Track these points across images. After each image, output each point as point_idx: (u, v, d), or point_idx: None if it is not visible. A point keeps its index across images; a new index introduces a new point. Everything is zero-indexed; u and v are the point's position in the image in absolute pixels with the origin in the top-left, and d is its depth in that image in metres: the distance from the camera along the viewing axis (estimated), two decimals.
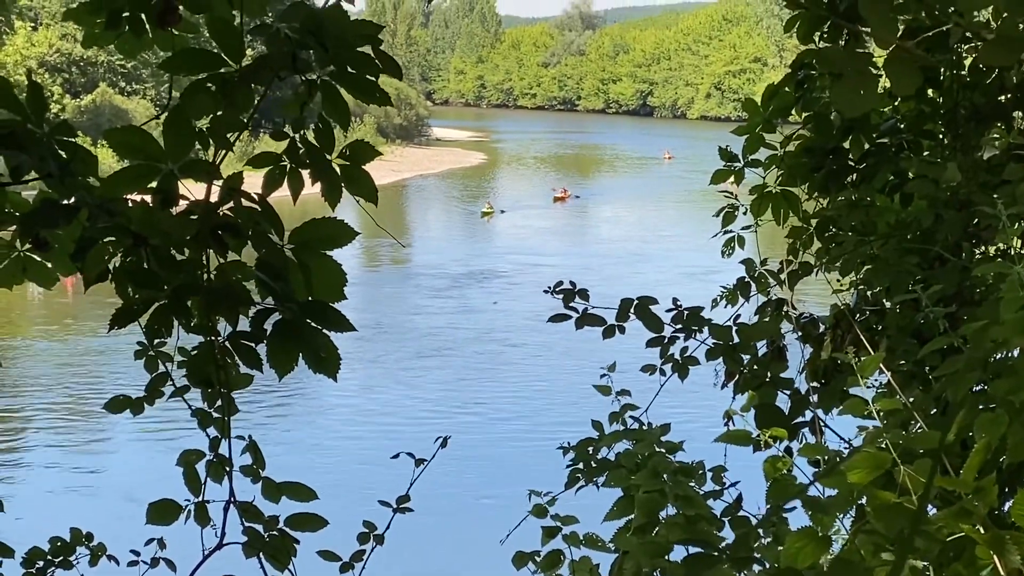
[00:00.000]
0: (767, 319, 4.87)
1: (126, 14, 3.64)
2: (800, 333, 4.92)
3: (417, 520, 4.61)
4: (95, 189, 3.02)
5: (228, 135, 3.02)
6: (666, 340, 4.54)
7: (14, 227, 3.41)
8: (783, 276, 5.08)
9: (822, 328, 4.86)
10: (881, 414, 2.28)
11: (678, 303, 4.50)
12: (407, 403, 29.71)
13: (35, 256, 3.52)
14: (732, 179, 5.38)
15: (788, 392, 4.22)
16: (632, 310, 4.31)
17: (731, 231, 5.56)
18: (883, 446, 2.10)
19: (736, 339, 4.18)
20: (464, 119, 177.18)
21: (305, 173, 3.27)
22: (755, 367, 4.60)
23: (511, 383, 32.46)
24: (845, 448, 3.93)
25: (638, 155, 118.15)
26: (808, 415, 4.24)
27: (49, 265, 3.55)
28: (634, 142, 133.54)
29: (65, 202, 2.96)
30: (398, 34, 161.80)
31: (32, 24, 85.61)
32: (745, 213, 5.47)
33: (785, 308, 4.97)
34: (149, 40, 3.77)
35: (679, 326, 4.48)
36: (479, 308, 42.51)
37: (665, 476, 3.27)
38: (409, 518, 4.36)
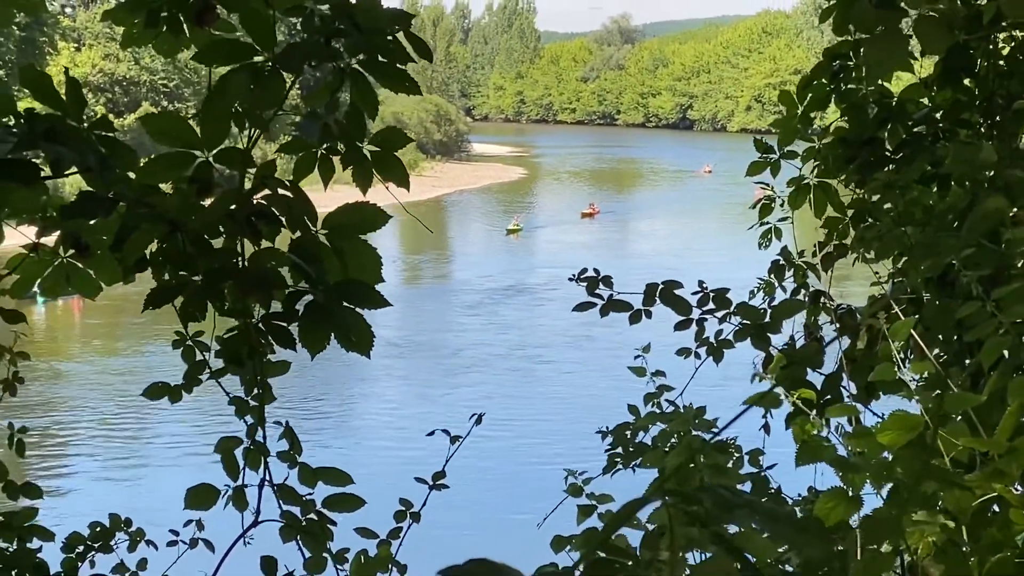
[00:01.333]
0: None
1: (164, 13, 3.68)
2: (837, 325, 4.88)
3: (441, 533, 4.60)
4: (133, 183, 3.06)
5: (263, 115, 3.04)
6: (694, 322, 4.51)
7: (56, 234, 3.45)
8: (817, 259, 5.04)
9: (859, 319, 4.82)
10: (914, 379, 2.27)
11: (704, 285, 4.48)
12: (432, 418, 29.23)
13: (78, 264, 3.54)
14: (768, 171, 5.36)
15: (822, 372, 4.19)
16: (658, 295, 4.29)
17: (768, 223, 5.54)
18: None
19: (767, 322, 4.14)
20: (504, 134, 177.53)
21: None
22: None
23: (540, 400, 32.16)
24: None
25: (677, 168, 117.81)
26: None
27: (92, 274, 3.57)
28: (674, 155, 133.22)
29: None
30: (437, 51, 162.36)
31: (76, 45, 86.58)
32: (783, 205, 5.45)
33: (822, 299, 4.94)
34: (187, 40, 3.81)
35: (707, 308, 4.45)
36: (514, 323, 42.30)
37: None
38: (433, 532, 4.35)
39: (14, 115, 2.89)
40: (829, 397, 4.24)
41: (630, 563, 1.26)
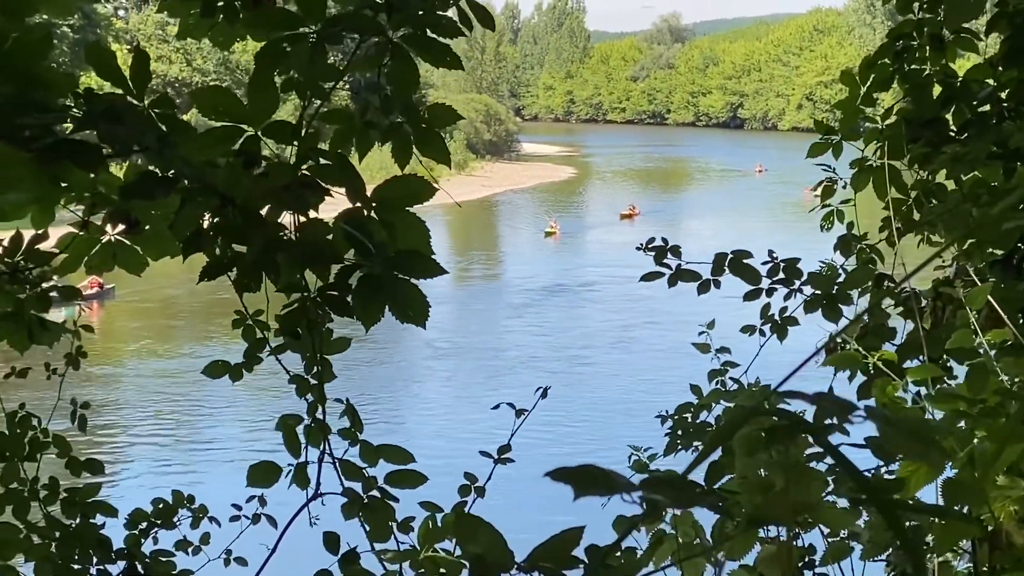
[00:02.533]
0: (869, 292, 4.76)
1: (220, 2, 3.69)
2: (901, 308, 4.81)
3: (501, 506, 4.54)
4: (193, 161, 3.05)
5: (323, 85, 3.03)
6: (764, 292, 4.45)
7: (104, 211, 3.45)
8: (879, 240, 4.96)
9: (924, 302, 4.74)
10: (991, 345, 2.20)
11: (774, 255, 4.43)
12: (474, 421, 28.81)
13: (125, 241, 3.54)
14: (829, 152, 5.28)
15: (894, 344, 4.13)
16: (727, 264, 4.23)
17: (830, 205, 5.47)
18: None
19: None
20: (553, 134, 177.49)
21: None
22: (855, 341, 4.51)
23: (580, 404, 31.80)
24: None
25: (727, 168, 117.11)
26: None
27: (139, 250, 3.57)
28: (724, 154, 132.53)
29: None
30: (487, 51, 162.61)
31: (128, 47, 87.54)
32: (845, 187, 5.37)
33: (886, 283, 4.85)
34: (242, 30, 3.81)
35: (777, 278, 4.40)
36: (559, 325, 42.08)
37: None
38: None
39: (74, 95, 2.88)
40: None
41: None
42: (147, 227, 3.50)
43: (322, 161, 3.02)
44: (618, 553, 2.10)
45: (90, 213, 3.45)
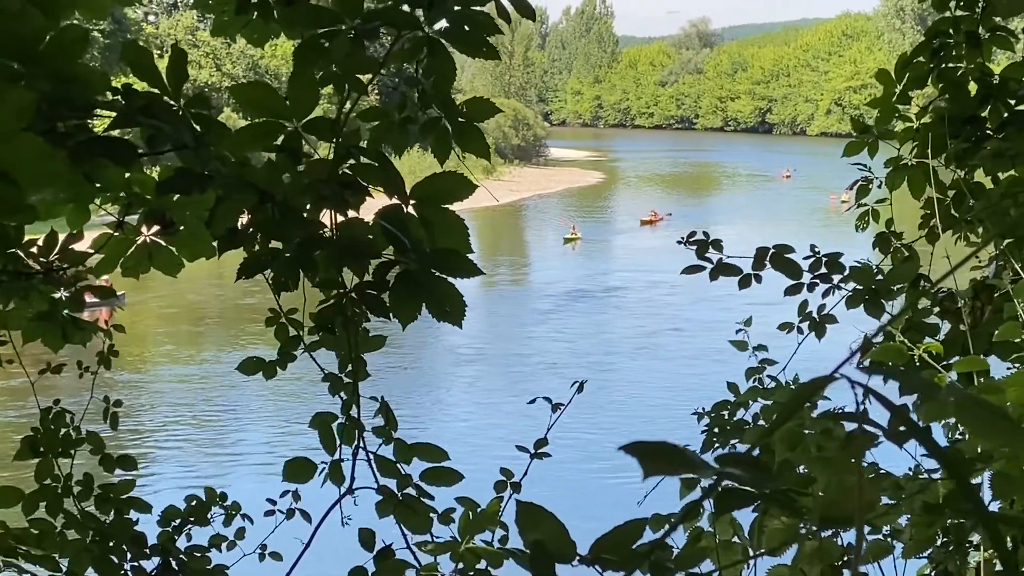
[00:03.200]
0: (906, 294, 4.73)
1: None
2: (938, 308, 4.77)
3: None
4: (227, 160, 3.06)
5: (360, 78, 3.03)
6: (805, 287, 4.43)
7: (140, 212, 3.46)
8: (915, 240, 4.92)
9: (960, 303, 4.70)
10: None
11: (816, 250, 4.41)
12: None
13: (161, 242, 3.55)
14: (864, 154, 5.24)
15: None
16: (768, 259, 4.21)
17: (865, 204, 5.42)
18: None
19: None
20: (581, 139, 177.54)
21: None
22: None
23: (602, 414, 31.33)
24: None
25: (755, 173, 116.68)
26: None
27: (174, 251, 3.58)
28: (752, 159, 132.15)
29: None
30: (515, 55, 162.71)
31: (158, 52, 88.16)
32: (880, 187, 5.33)
33: (922, 283, 4.81)
34: (276, 27, 3.81)
35: (818, 273, 4.38)
36: (582, 331, 41.84)
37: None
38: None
39: (110, 92, 2.89)
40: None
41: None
42: (182, 228, 3.51)
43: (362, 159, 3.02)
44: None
45: (125, 214, 3.47)
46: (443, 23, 3.00)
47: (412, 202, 2.97)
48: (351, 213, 3.01)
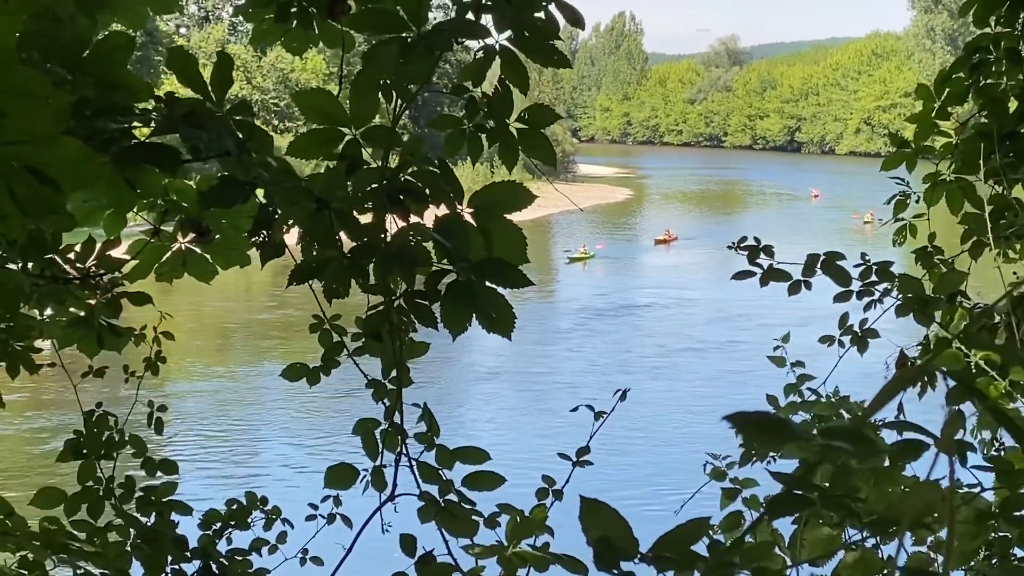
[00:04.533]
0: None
1: (294, 8, 3.73)
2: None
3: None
4: (271, 168, 3.09)
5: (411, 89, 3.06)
6: (855, 294, 4.43)
7: (175, 219, 3.50)
8: (965, 246, 4.92)
9: (997, 319, 4.70)
10: None
11: (867, 258, 4.42)
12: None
13: (196, 249, 3.58)
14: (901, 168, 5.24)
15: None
16: (819, 265, 4.23)
17: (903, 219, 5.43)
18: None
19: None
20: (610, 155, 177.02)
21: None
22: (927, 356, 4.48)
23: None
24: None
25: (782, 192, 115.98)
26: None
27: (209, 258, 3.61)
28: (780, 178, 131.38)
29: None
30: (544, 71, 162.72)
31: None
32: (918, 202, 5.34)
33: (959, 299, 4.82)
34: (315, 36, 3.85)
35: (867, 281, 4.38)
36: (603, 350, 41.51)
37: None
38: None
39: (154, 100, 2.93)
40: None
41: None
42: (217, 236, 3.55)
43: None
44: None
45: (161, 221, 3.51)
46: (508, 33, 3.03)
47: (470, 211, 3.00)
48: (414, 219, 3.04)
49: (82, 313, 4.04)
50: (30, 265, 3.55)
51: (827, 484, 1.65)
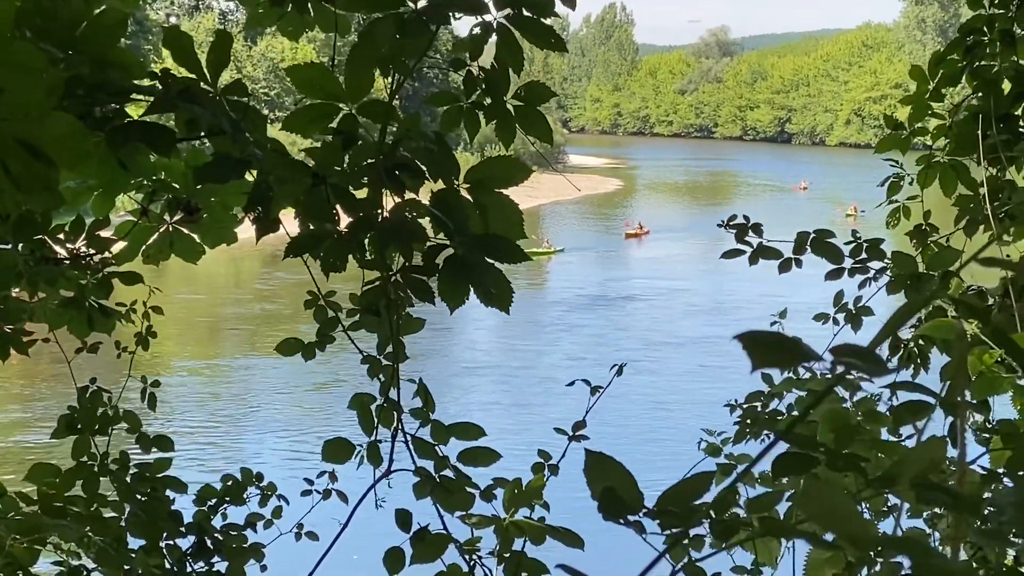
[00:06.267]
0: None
1: None
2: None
3: None
4: (265, 147, 3.08)
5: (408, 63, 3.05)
6: (846, 271, 4.44)
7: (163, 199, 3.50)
8: (959, 227, 4.92)
9: (990, 301, 4.71)
10: None
11: (857, 235, 4.42)
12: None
13: (182, 229, 3.57)
14: (897, 152, 5.24)
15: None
16: (809, 243, 4.23)
17: (897, 200, 5.43)
18: None
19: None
20: (600, 146, 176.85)
21: None
22: (920, 341, 4.50)
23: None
24: None
25: (770, 183, 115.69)
26: None
27: (196, 239, 3.61)
28: (769, 170, 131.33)
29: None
30: (535, 61, 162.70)
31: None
32: (912, 183, 5.34)
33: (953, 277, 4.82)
34: (311, 21, 3.84)
35: (859, 258, 4.38)
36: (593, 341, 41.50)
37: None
38: None
39: (149, 75, 2.93)
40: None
41: None
42: (205, 215, 3.54)
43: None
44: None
45: (150, 201, 3.50)
46: (507, 11, 3.02)
47: (466, 185, 3.00)
48: (409, 195, 3.03)
49: (72, 294, 4.03)
50: (20, 247, 3.54)
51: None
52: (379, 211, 3.05)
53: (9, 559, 3.33)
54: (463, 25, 3.31)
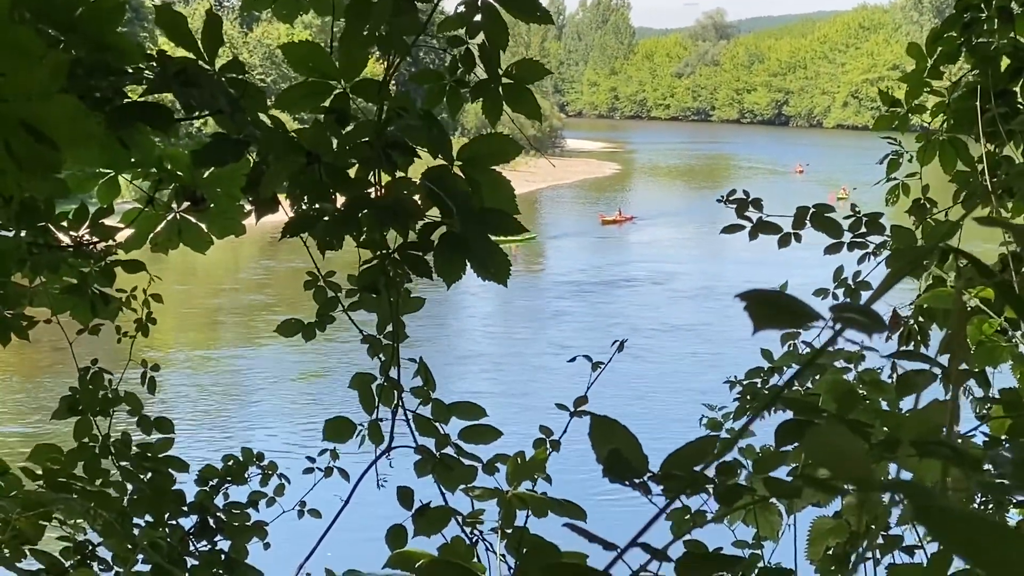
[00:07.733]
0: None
1: None
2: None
3: None
4: (263, 125, 3.08)
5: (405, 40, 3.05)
6: (845, 246, 4.43)
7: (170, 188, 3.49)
8: (957, 203, 4.92)
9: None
10: None
11: (856, 209, 4.41)
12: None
13: (190, 218, 3.57)
14: (895, 130, 5.24)
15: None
16: (809, 218, 4.22)
17: (896, 178, 5.43)
18: None
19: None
20: (597, 130, 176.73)
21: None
22: (920, 319, 4.51)
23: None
24: None
25: (767, 166, 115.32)
26: None
27: (204, 228, 3.60)
28: (766, 152, 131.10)
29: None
30: (531, 46, 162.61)
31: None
32: (910, 161, 5.33)
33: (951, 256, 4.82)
34: (305, 4, 3.83)
35: (858, 232, 4.38)
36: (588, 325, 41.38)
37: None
38: None
39: (145, 59, 2.92)
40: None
41: None
42: (212, 205, 3.54)
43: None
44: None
45: (156, 189, 3.50)
46: None
47: (459, 163, 3.00)
48: (399, 173, 3.03)
49: (75, 281, 4.03)
50: (23, 233, 3.54)
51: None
52: (370, 189, 3.05)
53: (15, 532, 3.34)
54: (448, 5, 3.32)
